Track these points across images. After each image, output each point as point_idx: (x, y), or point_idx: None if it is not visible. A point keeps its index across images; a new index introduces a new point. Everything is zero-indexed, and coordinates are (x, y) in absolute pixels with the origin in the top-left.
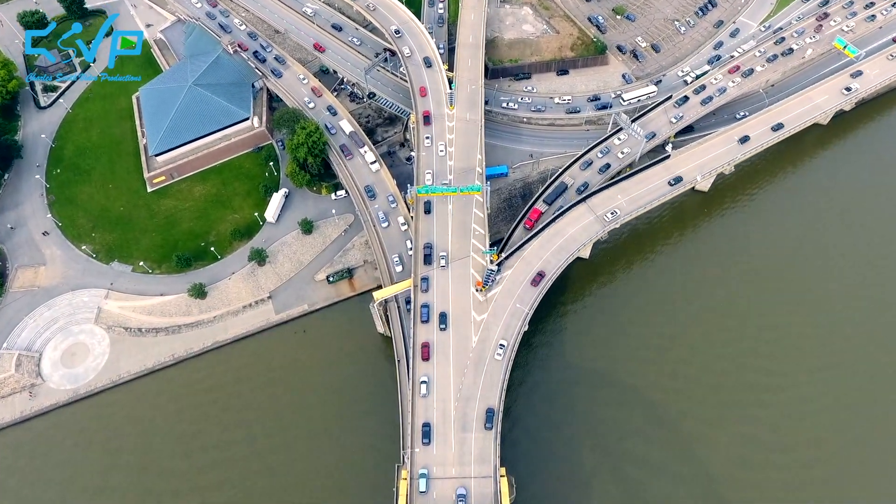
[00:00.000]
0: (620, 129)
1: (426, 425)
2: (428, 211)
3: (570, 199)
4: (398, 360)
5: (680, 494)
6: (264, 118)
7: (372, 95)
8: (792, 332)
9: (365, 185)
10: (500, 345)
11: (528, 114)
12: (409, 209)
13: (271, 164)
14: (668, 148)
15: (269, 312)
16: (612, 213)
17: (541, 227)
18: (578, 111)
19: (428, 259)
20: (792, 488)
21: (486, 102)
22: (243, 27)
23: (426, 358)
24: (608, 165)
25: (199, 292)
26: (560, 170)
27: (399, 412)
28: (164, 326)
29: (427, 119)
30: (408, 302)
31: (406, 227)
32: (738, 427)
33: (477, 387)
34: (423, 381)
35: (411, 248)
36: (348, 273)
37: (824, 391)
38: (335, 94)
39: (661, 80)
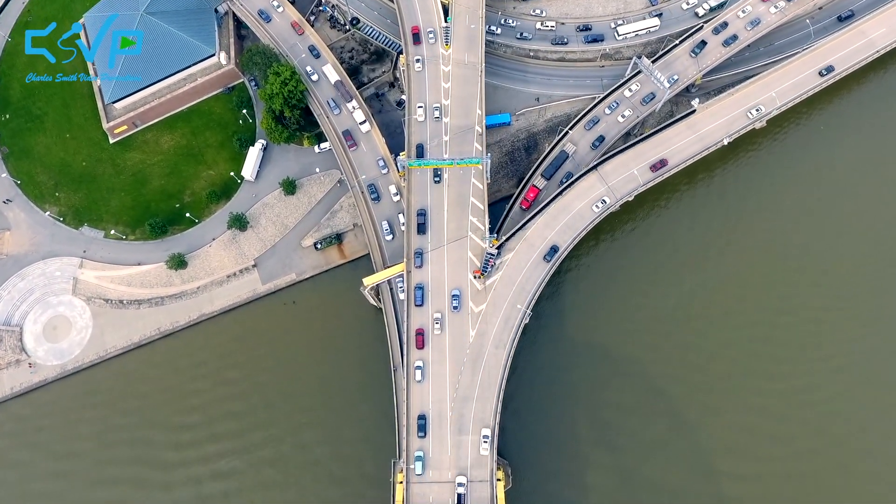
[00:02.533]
0: (638, 72)
1: (421, 418)
2: (422, 231)
3: (577, 167)
4: (394, 370)
5: (675, 477)
6: (232, 52)
7: (355, 22)
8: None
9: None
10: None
11: (525, 44)
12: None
13: (245, 111)
14: (695, 103)
15: (255, 282)
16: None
17: (545, 202)
18: (566, 42)
19: (422, 228)
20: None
21: (489, 30)
22: None
23: (420, 346)
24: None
25: (179, 263)
26: (561, 134)
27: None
28: (146, 298)
29: (416, 37)
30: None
31: (398, 197)
32: (738, 415)
33: (474, 387)
34: (418, 367)
35: (404, 223)
36: (337, 238)
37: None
38: (312, 19)
39: (661, 14)
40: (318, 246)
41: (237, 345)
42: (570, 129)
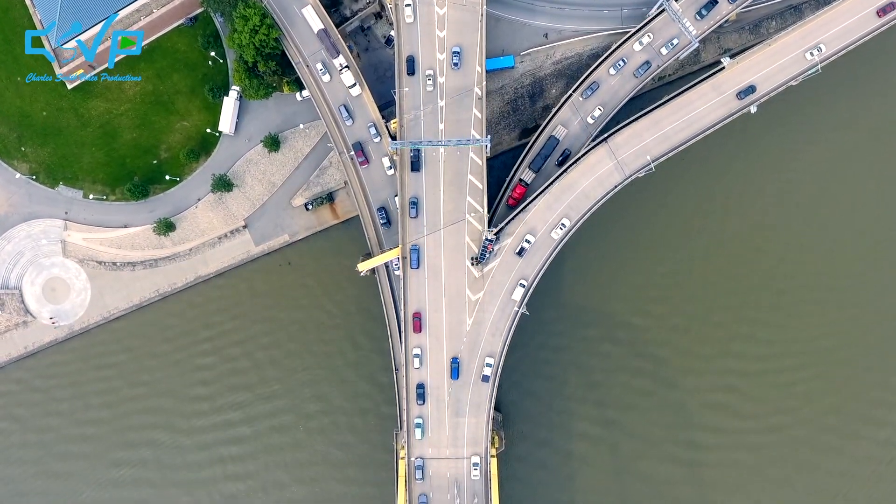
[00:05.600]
0: (660, 13)
1: (420, 386)
2: (416, 168)
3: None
4: (395, 370)
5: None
6: None
7: None
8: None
9: (339, 104)
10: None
11: None
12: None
13: (213, 52)
14: (725, 60)
15: (248, 244)
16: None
17: (549, 181)
18: None
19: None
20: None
21: None
22: None
23: (418, 330)
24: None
25: (167, 227)
26: (552, 114)
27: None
28: (139, 260)
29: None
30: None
31: (392, 170)
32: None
33: (471, 374)
34: (416, 355)
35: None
36: (329, 198)
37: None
38: None
39: None
40: (309, 206)
41: (237, 303)
42: (566, 100)
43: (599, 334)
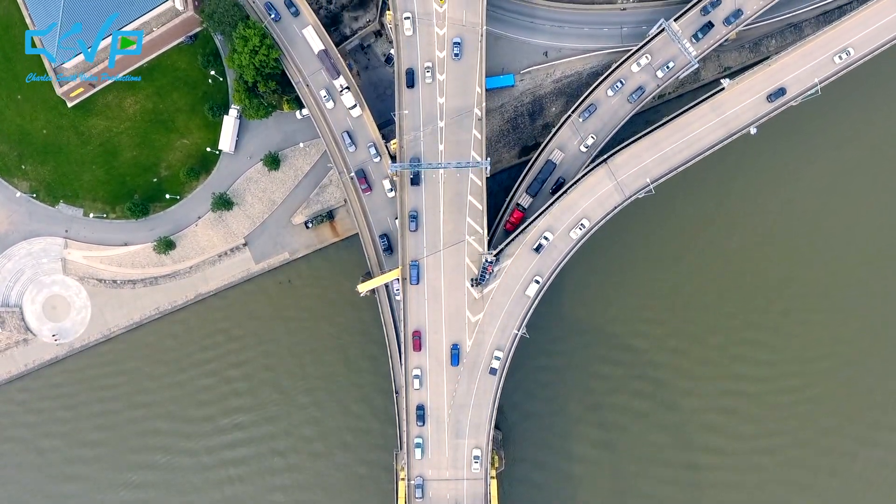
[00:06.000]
0: (659, 33)
1: (420, 407)
2: (416, 182)
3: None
4: (396, 393)
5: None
6: None
7: None
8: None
9: (343, 130)
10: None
11: None
12: (392, 158)
13: (213, 71)
14: (725, 81)
15: (248, 261)
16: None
17: (550, 202)
18: None
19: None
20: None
21: None
22: None
23: (418, 349)
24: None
25: (167, 245)
26: (550, 137)
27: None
28: (139, 278)
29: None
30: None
31: (392, 192)
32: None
33: (471, 395)
34: (416, 376)
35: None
36: (329, 216)
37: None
38: None
39: None
40: (309, 224)
41: (237, 322)
42: (564, 122)
43: (599, 355)
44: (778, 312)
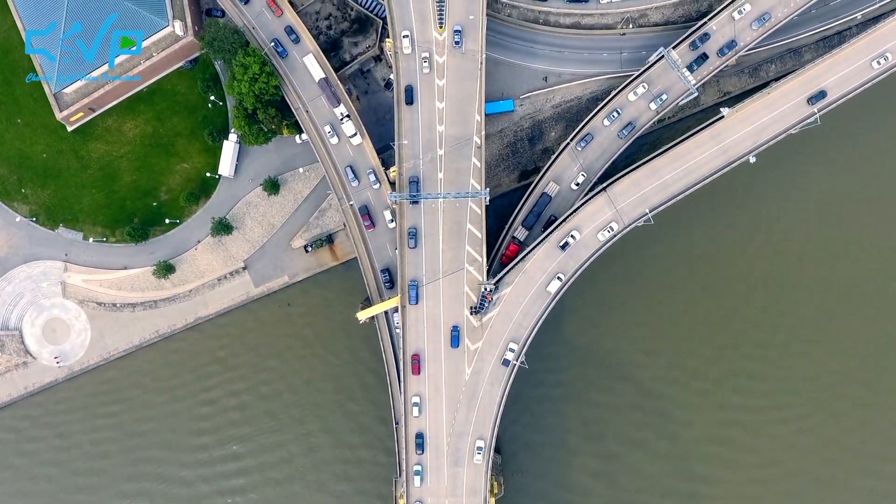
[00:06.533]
0: (656, 62)
1: (419, 435)
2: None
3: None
4: (395, 423)
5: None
6: (188, 17)
7: None
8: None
9: (346, 164)
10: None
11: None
12: (392, 186)
13: (212, 97)
14: (724, 110)
15: (247, 285)
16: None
17: (548, 231)
18: None
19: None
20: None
21: None
22: None
23: (417, 372)
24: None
25: (167, 269)
26: (546, 167)
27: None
28: (139, 301)
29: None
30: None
31: (393, 223)
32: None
33: (469, 423)
34: (415, 404)
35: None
36: (328, 239)
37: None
38: None
39: None
40: (309, 248)
41: (236, 348)
42: (559, 154)
43: (598, 385)
44: (775, 344)
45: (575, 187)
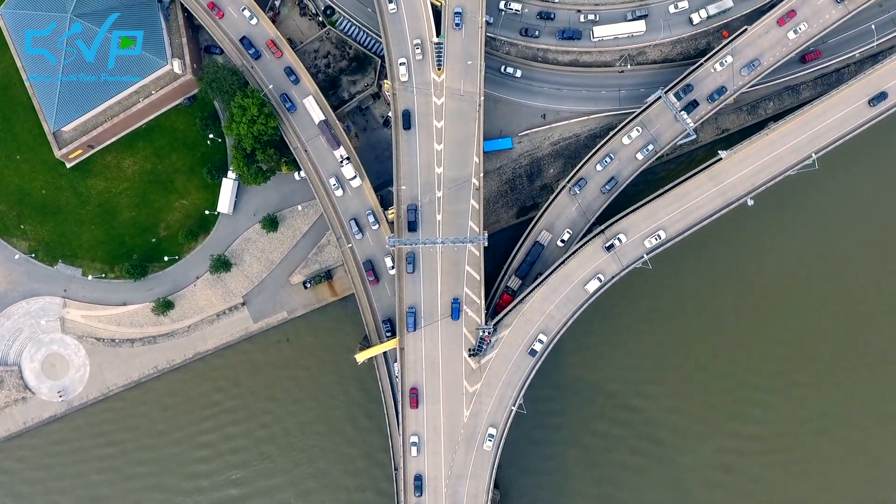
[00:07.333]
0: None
1: (418, 477)
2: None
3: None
4: (395, 469)
5: None
6: (187, 56)
7: (329, 13)
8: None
9: (350, 218)
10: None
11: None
12: (390, 227)
13: (211, 135)
14: (722, 153)
15: (246, 320)
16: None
17: (546, 273)
18: (537, 35)
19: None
20: None
21: (489, 23)
22: None
23: (415, 406)
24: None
25: (166, 306)
26: (538, 216)
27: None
28: (138, 337)
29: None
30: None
31: (392, 269)
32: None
33: (468, 465)
34: (414, 443)
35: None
36: (327, 276)
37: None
38: (277, 4)
39: (646, 15)
40: (308, 284)
41: (235, 383)
42: (553, 200)
43: (597, 414)
44: (772, 373)
45: (560, 244)
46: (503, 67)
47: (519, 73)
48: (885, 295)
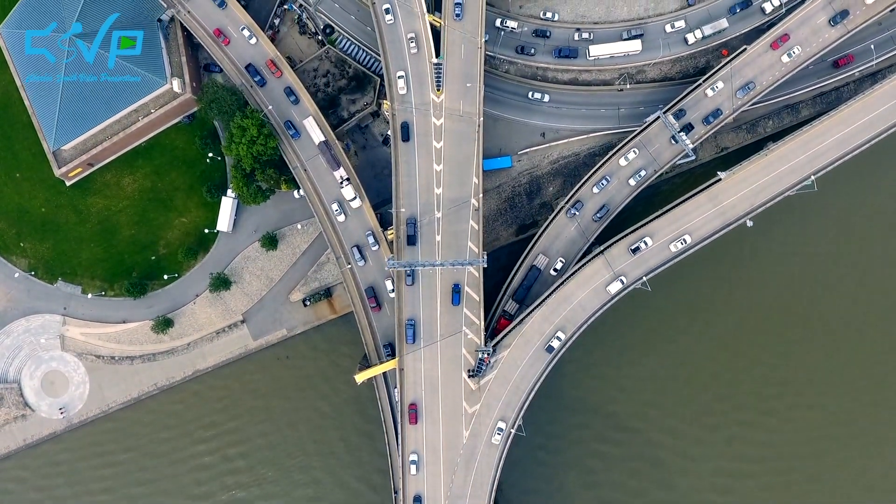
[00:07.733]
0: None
1: (417, 499)
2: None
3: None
4: (395, 493)
5: None
6: (187, 74)
7: (329, 32)
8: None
9: (353, 245)
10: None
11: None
12: (390, 247)
13: (210, 153)
14: (722, 174)
15: (246, 338)
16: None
17: (545, 294)
18: (532, 53)
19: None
20: None
21: (487, 41)
22: None
23: (414, 422)
24: (605, 207)
25: (165, 324)
26: (534, 241)
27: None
28: (137, 354)
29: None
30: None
31: (393, 293)
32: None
33: (467, 486)
34: (413, 462)
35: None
36: (326, 293)
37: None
38: (276, 22)
39: (642, 34)
40: (307, 302)
41: (235, 401)
42: (549, 224)
43: (597, 435)
44: (772, 395)
45: (553, 273)
46: (530, 94)
47: (547, 98)
48: (890, 317)
